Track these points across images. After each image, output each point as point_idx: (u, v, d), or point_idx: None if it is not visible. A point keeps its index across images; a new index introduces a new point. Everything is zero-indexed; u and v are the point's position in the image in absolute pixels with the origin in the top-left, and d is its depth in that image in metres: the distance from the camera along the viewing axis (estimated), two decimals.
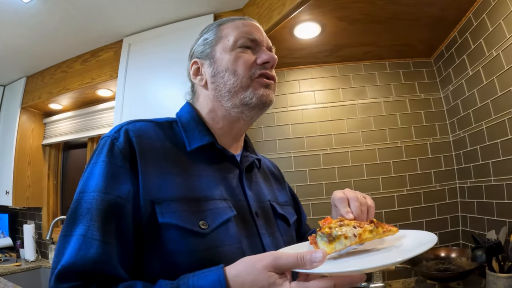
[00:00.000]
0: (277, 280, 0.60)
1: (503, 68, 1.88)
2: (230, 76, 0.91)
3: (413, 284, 2.17)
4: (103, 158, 0.78)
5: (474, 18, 2.08)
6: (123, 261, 0.71)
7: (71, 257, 0.66)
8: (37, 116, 3.70)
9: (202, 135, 0.91)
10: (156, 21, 2.62)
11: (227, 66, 0.92)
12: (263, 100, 0.92)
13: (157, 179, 0.79)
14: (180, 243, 0.74)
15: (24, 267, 3.15)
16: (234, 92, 0.91)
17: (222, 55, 0.94)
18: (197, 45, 1.02)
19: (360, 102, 2.60)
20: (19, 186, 3.43)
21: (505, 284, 1.61)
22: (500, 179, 1.98)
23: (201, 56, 0.99)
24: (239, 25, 0.97)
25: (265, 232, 0.91)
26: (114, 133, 0.83)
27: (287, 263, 0.61)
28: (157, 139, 0.86)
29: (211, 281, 0.63)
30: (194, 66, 1.00)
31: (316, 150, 2.54)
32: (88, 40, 2.90)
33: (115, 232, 0.71)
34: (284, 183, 1.24)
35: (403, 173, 2.47)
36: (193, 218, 0.77)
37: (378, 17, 2.12)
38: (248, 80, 0.91)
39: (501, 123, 1.93)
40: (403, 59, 2.65)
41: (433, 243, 0.64)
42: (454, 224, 2.40)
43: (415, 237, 0.75)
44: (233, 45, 0.93)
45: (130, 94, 2.61)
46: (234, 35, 0.95)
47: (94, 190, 0.73)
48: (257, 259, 0.63)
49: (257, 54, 0.95)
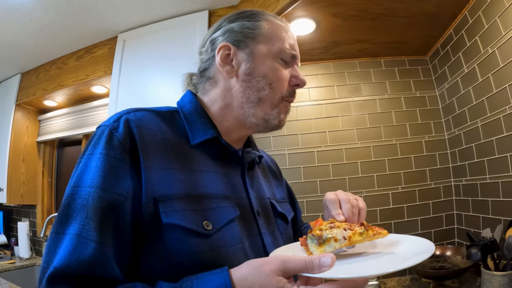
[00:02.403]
0: (286, 285, 0.58)
1: (498, 65, 1.87)
2: (266, 86, 0.86)
3: (408, 282, 2.17)
4: (101, 150, 0.72)
5: (469, 15, 2.07)
6: (120, 262, 0.67)
7: (65, 259, 0.61)
8: (31, 113, 3.68)
9: (205, 129, 0.86)
10: (151, 18, 2.60)
11: (266, 72, 0.86)
12: (281, 125, 0.91)
13: (159, 175, 0.74)
14: (183, 244, 0.70)
15: (19, 265, 3.14)
16: (263, 104, 0.87)
17: (264, 58, 0.87)
18: (231, 27, 0.91)
19: (355, 99, 2.59)
20: (13, 183, 3.42)
21: (500, 282, 1.60)
22: (495, 177, 1.98)
23: (236, 43, 0.89)
24: (286, 32, 0.91)
25: (266, 231, 0.90)
26: (113, 122, 0.76)
27: (295, 267, 0.60)
28: (159, 130, 0.81)
29: (217, 285, 0.60)
30: (224, 50, 0.89)
31: (310, 147, 2.52)
32: (83, 37, 2.88)
33: (112, 232, 0.67)
34: (282, 179, 1.22)
35: (398, 171, 2.46)
36: (197, 218, 0.73)
37: (373, 14, 2.11)
38: (279, 99, 0.88)
39: (496, 121, 1.93)
40: (398, 57, 2.64)
41: (431, 252, 0.64)
42: (449, 222, 2.40)
43: (411, 242, 0.75)
44: (277, 53, 0.88)
45: (124, 91, 2.59)
46: (281, 42, 0.89)
47: (90, 186, 0.68)
48: (264, 262, 0.61)
49: (291, 72, 0.91)
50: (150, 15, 2.58)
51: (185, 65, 2.46)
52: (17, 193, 3.47)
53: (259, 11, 0.93)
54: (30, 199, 3.61)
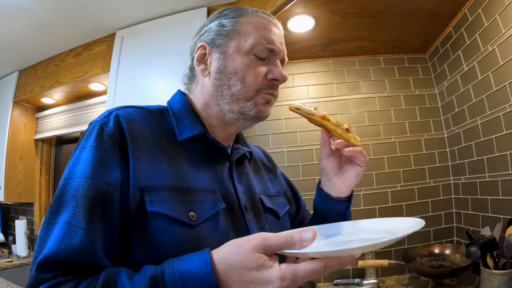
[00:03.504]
0: (266, 262, 0.58)
1: (498, 63, 1.86)
2: (237, 82, 0.87)
3: (406, 281, 2.16)
4: (91, 143, 0.74)
5: (469, 13, 2.06)
6: (108, 250, 0.68)
7: (54, 246, 0.63)
8: (29, 111, 3.67)
9: (193, 125, 0.88)
10: (149, 14, 2.59)
11: (237, 69, 0.87)
12: (260, 115, 0.89)
13: (147, 167, 0.76)
14: (168, 233, 0.72)
15: (16, 263, 3.12)
16: (237, 99, 0.87)
17: (235, 54, 0.88)
18: (210, 27, 0.93)
19: (354, 97, 2.58)
20: (11, 181, 3.41)
21: (499, 281, 1.60)
22: (494, 175, 1.97)
23: (211, 43, 0.91)
24: (261, 25, 0.90)
25: (254, 226, 0.90)
26: (104, 118, 0.79)
27: (276, 243, 0.59)
28: (148, 126, 0.83)
29: (197, 264, 0.60)
30: (201, 50, 0.92)
31: (309, 145, 2.51)
32: (80, 34, 2.87)
33: (101, 220, 0.68)
34: (276, 172, 1.22)
35: (397, 169, 2.46)
36: (182, 208, 0.75)
37: (372, 11, 2.10)
38: (254, 93, 0.87)
39: (496, 119, 1.92)
40: (397, 55, 2.63)
41: (421, 225, 0.64)
42: (448, 220, 2.39)
43: (401, 221, 0.76)
44: (249, 49, 0.87)
45: (122, 88, 2.58)
46: (253, 38, 0.88)
47: (81, 176, 0.70)
48: (245, 240, 0.61)
49: (269, 65, 0.89)
50: (148, 12, 2.57)
51: (183, 62, 2.45)
52: (14, 191, 3.45)
53: (242, 8, 0.94)
54: (27, 197, 3.60)
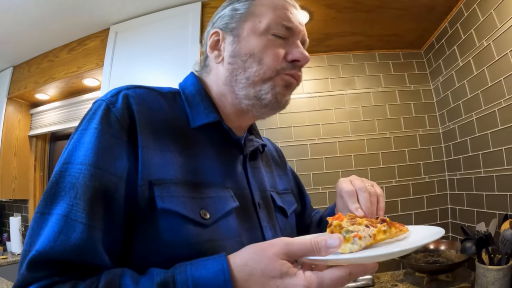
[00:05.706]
0: (290, 269, 0.54)
1: (493, 58, 1.86)
2: (253, 63, 0.79)
3: (401, 276, 2.16)
4: (96, 125, 0.65)
5: (465, 8, 2.06)
6: (110, 248, 0.61)
7: (49, 241, 0.55)
8: (23, 107, 3.63)
9: (208, 112, 0.81)
10: (144, 9, 2.57)
11: (253, 51, 0.80)
12: (278, 99, 0.81)
13: (157, 157, 0.68)
14: (178, 233, 0.65)
15: (11, 260, 3.09)
16: (253, 82, 0.80)
17: (250, 36, 0.81)
18: (223, 13, 0.87)
19: (349, 92, 2.58)
20: (5, 177, 3.37)
21: (495, 277, 1.60)
22: (490, 170, 1.97)
23: (224, 28, 0.85)
24: (277, 5, 0.83)
25: (267, 224, 0.84)
26: (111, 97, 0.70)
27: (299, 249, 0.55)
28: (160, 110, 0.75)
29: (213, 271, 0.55)
30: (214, 37, 0.86)
31: (303, 140, 2.51)
32: (75, 29, 2.84)
33: (103, 215, 0.61)
34: (286, 168, 1.17)
35: (392, 164, 2.45)
36: (194, 205, 0.68)
37: (367, 6, 2.10)
38: (273, 73, 0.80)
39: (491, 114, 1.92)
40: (392, 50, 2.63)
41: (441, 234, 0.61)
42: (443, 216, 2.39)
43: (421, 230, 0.71)
44: (265, 29, 0.80)
45: (116, 83, 2.54)
46: (269, 17, 0.81)
47: (82, 163, 0.61)
48: (266, 246, 0.57)
49: (289, 47, 0.82)
50: (142, 7, 2.54)
51: (177, 56, 2.46)
52: (8, 188, 3.42)
53: None
54: (22, 194, 3.56)
